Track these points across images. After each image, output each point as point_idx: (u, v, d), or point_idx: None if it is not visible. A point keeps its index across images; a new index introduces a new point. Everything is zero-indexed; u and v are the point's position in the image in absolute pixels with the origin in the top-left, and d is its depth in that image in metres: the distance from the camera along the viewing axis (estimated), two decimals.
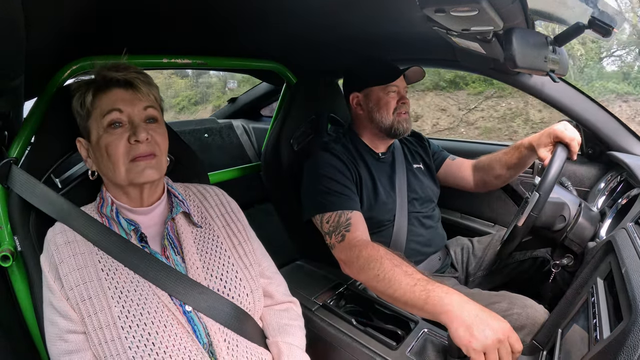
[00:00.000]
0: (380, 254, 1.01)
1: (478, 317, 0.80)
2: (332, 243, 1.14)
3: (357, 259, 1.04)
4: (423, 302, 0.87)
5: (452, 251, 1.48)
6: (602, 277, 0.82)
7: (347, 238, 1.11)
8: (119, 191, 0.82)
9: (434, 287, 0.88)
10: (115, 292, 0.73)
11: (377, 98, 1.31)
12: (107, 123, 0.76)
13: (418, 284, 0.91)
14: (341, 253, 1.10)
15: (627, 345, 0.54)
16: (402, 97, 1.32)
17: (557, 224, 1.12)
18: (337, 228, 1.14)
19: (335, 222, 1.15)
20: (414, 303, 0.89)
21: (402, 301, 0.93)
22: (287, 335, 0.90)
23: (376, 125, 1.33)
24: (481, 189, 1.49)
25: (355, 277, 1.08)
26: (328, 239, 1.16)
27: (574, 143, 1.09)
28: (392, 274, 0.95)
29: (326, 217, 1.17)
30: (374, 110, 1.32)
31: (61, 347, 0.73)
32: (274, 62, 1.62)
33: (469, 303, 0.84)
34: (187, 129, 1.98)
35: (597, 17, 0.81)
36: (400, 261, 0.99)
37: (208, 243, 0.86)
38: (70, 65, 1.01)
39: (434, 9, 0.70)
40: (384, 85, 1.30)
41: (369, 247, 1.05)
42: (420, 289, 0.89)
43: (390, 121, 1.30)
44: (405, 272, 0.95)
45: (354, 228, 1.13)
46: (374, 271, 0.98)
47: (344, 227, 1.13)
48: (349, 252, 1.08)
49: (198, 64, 1.36)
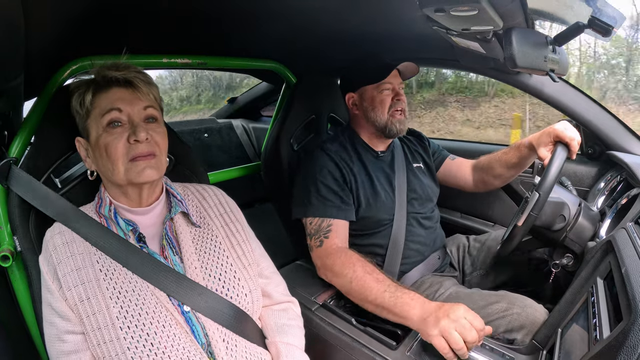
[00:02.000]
0: (353, 260, 1.09)
1: (434, 309, 0.90)
2: (311, 245, 1.21)
3: (333, 265, 1.12)
4: (392, 306, 0.96)
5: (449, 250, 1.48)
6: (602, 277, 0.82)
7: (325, 244, 1.17)
8: (118, 191, 0.81)
9: (402, 294, 0.97)
10: (114, 292, 0.73)
11: (371, 97, 1.32)
12: (107, 122, 0.76)
13: (388, 290, 0.99)
14: (317, 259, 1.19)
15: (627, 345, 0.55)
16: (397, 93, 1.32)
17: (557, 223, 1.12)
18: (317, 232, 1.20)
19: (317, 226, 1.20)
20: (384, 307, 0.98)
21: (374, 304, 1.01)
22: (285, 336, 0.90)
23: (372, 124, 1.33)
24: (481, 188, 1.49)
25: (330, 282, 1.16)
26: (309, 240, 1.23)
27: (573, 143, 1.09)
28: (364, 281, 1.03)
29: (309, 220, 1.22)
30: (369, 109, 1.32)
31: (60, 348, 0.73)
32: (274, 62, 1.62)
33: (430, 303, 0.93)
34: (187, 128, 1.98)
35: (597, 17, 0.81)
36: (373, 268, 1.07)
37: (207, 243, 0.86)
38: (70, 65, 1.01)
39: (434, 9, 0.70)
40: (376, 83, 1.30)
41: (344, 254, 1.12)
42: (389, 295, 0.98)
43: (385, 120, 1.30)
44: (377, 279, 1.03)
45: (333, 235, 1.18)
46: (348, 277, 1.06)
47: (323, 233, 1.19)
48: (325, 259, 1.15)
49: (198, 64, 1.36)
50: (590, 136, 1.47)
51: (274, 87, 2.27)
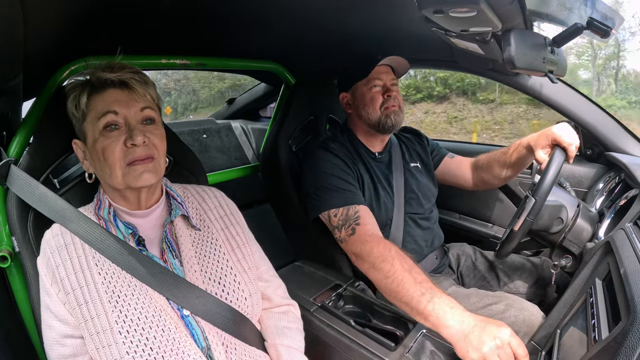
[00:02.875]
0: (392, 254, 1.01)
1: (476, 326, 0.81)
2: (343, 237, 1.14)
3: (369, 255, 1.04)
4: (428, 314, 0.88)
5: (452, 254, 1.48)
6: (600, 278, 0.82)
7: (358, 231, 1.11)
8: (117, 194, 0.80)
9: (440, 300, 0.88)
10: (112, 296, 0.72)
11: (361, 94, 1.32)
12: (103, 126, 0.74)
13: (426, 293, 0.91)
14: (353, 246, 1.11)
15: (625, 345, 0.55)
16: (388, 89, 1.31)
17: (555, 226, 1.11)
18: (346, 221, 1.15)
19: (344, 216, 1.15)
20: (418, 311, 0.90)
21: (407, 306, 0.94)
22: (285, 338, 0.89)
23: (365, 122, 1.33)
24: (480, 187, 1.48)
25: (365, 273, 1.08)
26: (337, 233, 1.16)
27: (571, 148, 1.06)
28: (401, 279, 0.96)
29: (333, 212, 1.18)
30: (360, 107, 1.32)
31: (59, 352, 0.72)
32: (273, 63, 1.63)
33: (470, 316, 0.84)
34: (186, 129, 1.98)
35: (595, 18, 0.82)
36: (411, 265, 0.99)
37: (206, 246, 0.85)
38: (69, 66, 1.00)
39: (433, 10, 0.70)
40: (364, 80, 1.30)
41: (381, 244, 1.05)
42: (427, 300, 0.89)
43: (378, 116, 1.29)
44: (415, 279, 0.95)
45: (364, 221, 1.13)
46: (384, 272, 0.99)
47: (353, 221, 1.14)
48: (360, 246, 1.08)
49: (197, 65, 1.36)
50: (589, 137, 1.47)
51: (272, 88, 2.27)
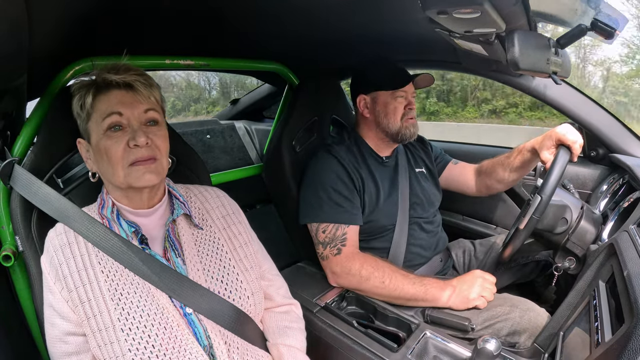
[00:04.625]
0: (380, 263, 1.16)
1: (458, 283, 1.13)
2: (326, 254, 1.20)
3: (360, 270, 1.14)
4: (423, 294, 1.11)
5: (454, 254, 1.48)
6: (604, 280, 0.82)
7: (344, 252, 1.18)
8: (120, 193, 0.81)
9: (428, 281, 1.13)
10: (115, 294, 0.73)
11: (384, 103, 1.29)
12: (107, 126, 0.75)
13: (416, 282, 1.13)
14: (337, 266, 1.18)
15: (628, 348, 0.54)
16: (410, 102, 1.30)
17: (559, 226, 1.11)
18: (333, 241, 1.19)
19: (332, 235, 1.19)
20: (415, 297, 1.11)
21: (405, 298, 1.12)
22: (287, 338, 0.89)
23: (382, 130, 1.31)
24: (484, 193, 1.48)
25: (354, 287, 1.18)
26: (322, 248, 1.21)
27: (576, 145, 1.07)
28: (394, 279, 1.12)
29: (322, 227, 1.21)
30: (381, 115, 1.30)
31: (62, 349, 0.73)
32: (276, 64, 1.62)
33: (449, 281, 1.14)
34: (189, 130, 1.98)
35: (600, 20, 0.81)
36: (396, 267, 1.18)
37: (209, 245, 0.86)
38: (73, 66, 1.01)
39: (437, 11, 0.70)
40: (392, 90, 1.28)
41: (369, 258, 1.17)
42: (419, 286, 1.12)
43: (398, 127, 1.28)
44: (403, 275, 1.14)
45: (350, 243, 1.19)
46: (379, 279, 1.12)
47: (339, 241, 1.19)
48: (349, 264, 1.16)
49: (200, 65, 1.36)
50: (593, 139, 1.47)
51: (276, 89, 2.27)
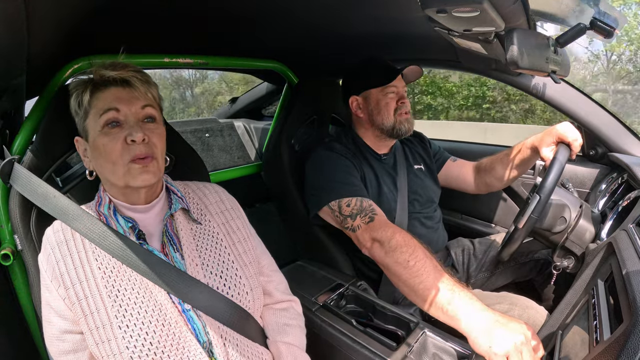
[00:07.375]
0: (415, 241, 1.00)
1: (498, 322, 0.79)
2: (357, 224, 1.11)
3: (390, 239, 1.02)
4: (447, 302, 0.85)
5: (453, 252, 1.48)
6: (602, 279, 0.82)
7: (377, 220, 1.09)
8: (117, 191, 0.80)
9: (460, 289, 0.86)
10: (112, 291, 0.73)
11: (376, 100, 1.31)
12: (104, 122, 0.75)
13: (445, 281, 0.88)
14: (372, 232, 1.07)
15: (627, 347, 0.54)
16: (402, 97, 1.31)
17: (558, 225, 1.11)
18: (362, 211, 1.12)
19: (359, 206, 1.13)
20: (436, 301, 0.87)
21: (423, 296, 0.90)
22: (286, 335, 0.89)
23: (377, 127, 1.33)
24: (483, 190, 1.48)
25: (380, 258, 1.04)
26: (350, 221, 1.13)
27: (575, 143, 1.09)
28: (422, 264, 0.94)
29: (345, 201, 1.15)
30: (374, 112, 1.31)
31: (59, 347, 0.73)
32: (275, 62, 1.62)
33: (490, 311, 0.82)
34: (189, 128, 1.99)
35: (598, 18, 0.81)
36: (432, 254, 0.97)
37: (207, 240, 0.86)
38: (72, 65, 1.01)
39: (436, 10, 0.70)
40: (382, 87, 1.30)
41: (404, 232, 1.04)
42: (445, 287, 0.87)
43: (392, 122, 1.30)
44: (435, 266, 0.93)
45: (380, 213, 1.12)
46: (405, 256, 0.97)
47: (369, 211, 1.12)
48: (380, 232, 1.05)
49: (199, 64, 1.36)
50: (592, 138, 1.47)
51: (275, 87, 2.27)
